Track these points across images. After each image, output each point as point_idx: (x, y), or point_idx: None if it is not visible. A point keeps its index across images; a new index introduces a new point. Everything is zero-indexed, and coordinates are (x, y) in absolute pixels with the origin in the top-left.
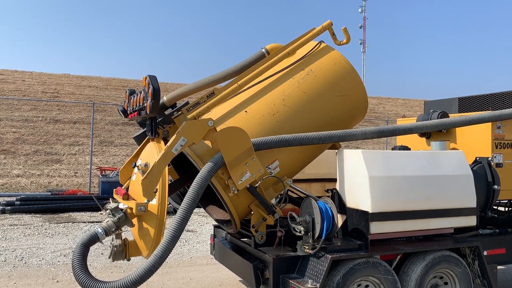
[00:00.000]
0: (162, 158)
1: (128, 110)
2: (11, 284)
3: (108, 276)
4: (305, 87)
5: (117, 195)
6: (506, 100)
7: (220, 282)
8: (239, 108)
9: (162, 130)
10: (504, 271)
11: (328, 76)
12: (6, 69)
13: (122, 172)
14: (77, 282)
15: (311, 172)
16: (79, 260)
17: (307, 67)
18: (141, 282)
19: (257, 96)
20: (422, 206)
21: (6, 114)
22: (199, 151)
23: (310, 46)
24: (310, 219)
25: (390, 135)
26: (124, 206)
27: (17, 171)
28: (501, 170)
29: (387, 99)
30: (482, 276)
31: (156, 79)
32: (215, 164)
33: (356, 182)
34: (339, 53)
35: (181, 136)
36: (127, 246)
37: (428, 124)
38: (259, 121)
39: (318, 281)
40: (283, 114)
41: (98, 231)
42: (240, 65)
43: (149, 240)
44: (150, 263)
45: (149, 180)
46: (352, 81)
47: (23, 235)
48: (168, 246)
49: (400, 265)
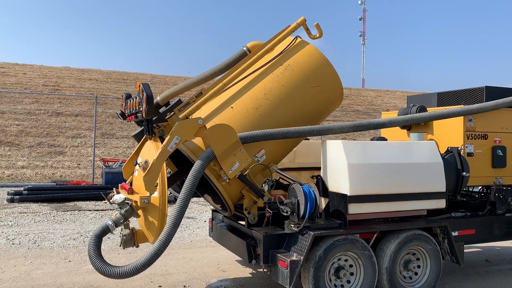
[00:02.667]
0: (159, 156)
1: (125, 113)
2: (27, 263)
3: (115, 257)
4: (284, 81)
5: (123, 190)
6: (478, 95)
7: (218, 262)
8: (226, 104)
9: (158, 130)
10: (480, 253)
11: (304, 69)
12: (7, 62)
13: (125, 169)
14: (95, 268)
15: (301, 161)
16: (95, 250)
17: (285, 62)
18: (149, 264)
19: (241, 92)
20: (396, 190)
21: (9, 107)
22: (192, 147)
23: (287, 42)
24: (296, 201)
25: (364, 129)
26: (130, 200)
27: (22, 162)
28: (472, 159)
29: (385, 92)
30: (451, 253)
31: (148, 86)
32: (206, 158)
33: (337, 169)
34: (314, 46)
35: (174, 135)
36: (135, 234)
37: (399, 119)
38: (244, 115)
39: (302, 254)
40: (266, 107)
41: (109, 223)
42: (224, 63)
43: (154, 228)
44: (156, 247)
45: (150, 176)
46: (326, 72)
47: (33, 221)
48: (170, 232)
49: (377, 243)
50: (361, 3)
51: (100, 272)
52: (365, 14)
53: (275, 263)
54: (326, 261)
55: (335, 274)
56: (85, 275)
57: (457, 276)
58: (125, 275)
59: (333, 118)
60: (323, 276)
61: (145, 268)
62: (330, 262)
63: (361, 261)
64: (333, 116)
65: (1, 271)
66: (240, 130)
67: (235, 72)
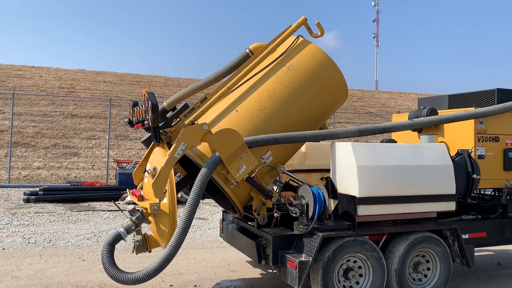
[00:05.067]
0: (167, 162)
1: (133, 120)
2: (42, 262)
3: (128, 257)
4: (287, 82)
5: (133, 197)
6: (489, 97)
7: (228, 262)
8: (230, 108)
9: (165, 136)
10: (492, 256)
11: (307, 69)
12: (24, 65)
13: (135, 175)
14: (108, 276)
15: (311, 163)
16: (108, 257)
17: (287, 62)
18: (161, 269)
19: (245, 95)
20: (405, 192)
21: (25, 109)
22: (199, 152)
23: (289, 42)
24: (305, 202)
25: (369, 134)
26: (140, 207)
27: (38, 163)
28: (483, 161)
29: (399, 94)
30: (461, 256)
31: (153, 95)
32: (213, 163)
33: (346, 171)
34: (316, 45)
35: (181, 142)
36: (147, 240)
37: (404, 124)
38: (249, 118)
39: (310, 255)
40: (270, 109)
41: (121, 230)
42: (227, 66)
43: (165, 233)
44: (166, 252)
45: (159, 183)
46: (329, 70)
47: (48, 221)
48: (180, 237)
49: (386, 245)
50: (375, 5)
51: (113, 279)
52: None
53: (284, 263)
54: (335, 262)
55: (344, 275)
56: (99, 274)
57: (468, 279)
58: (138, 281)
59: (346, 120)
60: (331, 277)
61: (157, 273)
62: (339, 263)
63: (370, 263)
64: (346, 118)
65: (17, 269)
66: (245, 133)
67: (238, 75)
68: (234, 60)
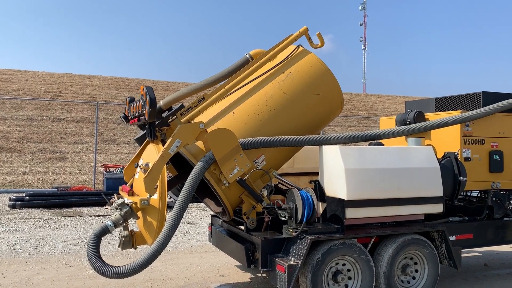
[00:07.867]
0: (160, 158)
1: (129, 116)
2: (28, 269)
3: (116, 262)
4: (285, 88)
5: (123, 192)
6: (475, 100)
7: (218, 267)
8: (227, 110)
9: (160, 133)
10: (479, 257)
11: (305, 78)
12: (9, 69)
13: (126, 171)
14: (92, 267)
15: (300, 166)
16: (93, 249)
17: (286, 69)
18: (147, 265)
19: (243, 98)
20: (393, 195)
21: (11, 114)
22: (193, 150)
23: (289, 50)
24: (293, 206)
25: (360, 141)
26: (130, 201)
27: (24, 168)
28: (469, 164)
29: (386, 97)
30: (449, 257)
31: (152, 90)
32: (207, 162)
33: (334, 174)
34: (315, 55)
35: (176, 138)
36: (133, 236)
37: (394, 131)
38: (245, 121)
39: (299, 258)
40: (267, 113)
41: (108, 223)
42: (227, 70)
43: (153, 229)
44: (154, 248)
45: (150, 177)
46: (327, 80)
47: (34, 227)
48: (168, 234)
49: (375, 248)
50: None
51: (98, 272)
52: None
53: (273, 267)
54: (324, 266)
55: (333, 279)
56: (86, 280)
57: (455, 280)
58: (123, 275)
59: (334, 123)
60: (321, 280)
61: (143, 268)
62: (328, 266)
63: (358, 266)
64: (334, 121)
65: (2, 276)
66: (241, 135)
67: (237, 79)
68: (234, 64)
